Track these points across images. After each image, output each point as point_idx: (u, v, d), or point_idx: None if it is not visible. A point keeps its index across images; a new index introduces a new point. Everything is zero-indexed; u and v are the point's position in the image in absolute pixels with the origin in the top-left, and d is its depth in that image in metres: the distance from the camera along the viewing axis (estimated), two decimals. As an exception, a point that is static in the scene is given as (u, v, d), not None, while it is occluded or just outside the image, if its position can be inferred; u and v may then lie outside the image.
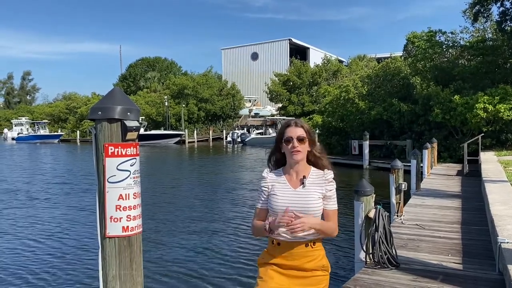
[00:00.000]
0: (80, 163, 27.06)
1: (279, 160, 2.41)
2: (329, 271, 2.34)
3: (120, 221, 1.88)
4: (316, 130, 23.75)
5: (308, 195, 2.26)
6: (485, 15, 20.25)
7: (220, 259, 7.38)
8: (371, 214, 4.79)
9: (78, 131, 56.89)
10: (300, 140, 2.27)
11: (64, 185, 16.74)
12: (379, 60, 42.64)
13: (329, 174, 2.33)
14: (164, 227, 9.68)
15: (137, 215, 1.94)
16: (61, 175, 20.30)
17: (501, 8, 19.09)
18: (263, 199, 2.37)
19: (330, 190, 2.30)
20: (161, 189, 15.36)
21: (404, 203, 7.77)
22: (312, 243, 2.28)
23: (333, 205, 2.32)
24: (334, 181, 2.33)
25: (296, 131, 2.29)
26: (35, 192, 15.20)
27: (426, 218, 7.23)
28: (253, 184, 15.87)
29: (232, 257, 7.43)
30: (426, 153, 12.44)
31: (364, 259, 4.84)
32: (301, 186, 2.28)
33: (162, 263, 7.20)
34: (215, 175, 19.77)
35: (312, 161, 2.37)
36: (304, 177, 2.29)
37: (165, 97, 51.85)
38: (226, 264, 7.13)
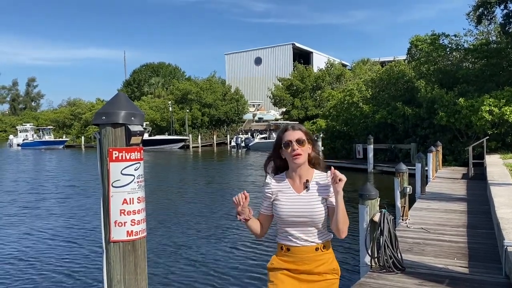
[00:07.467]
0: (85, 168, 27.12)
1: (279, 167, 2.37)
2: (339, 274, 2.33)
3: (124, 225, 1.88)
4: (320, 134, 23.73)
5: (313, 199, 2.24)
6: (489, 17, 20.18)
7: (226, 263, 7.36)
8: (376, 218, 4.77)
9: (83, 137, 57.11)
10: (300, 142, 2.24)
11: (69, 190, 16.79)
12: (382, 63, 42.62)
13: None
14: (169, 231, 9.67)
15: (141, 220, 1.94)
16: (65, 180, 20.36)
17: (505, 11, 19.05)
18: (265, 205, 2.36)
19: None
20: (166, 194, 15.36)
21: (409, 207, 7.73)
22: (322, 247, 2.26)
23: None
24: None
25: (294, 134, 2.26)
26: (40, 197, 15.25)
27: (432, 221, 7.19)
28: (258, 189, 15.84)
29: (238, 261, 7.41)
30: (430, 156, 12.37)
31: (369, 263, 4.81)
32: (305, 190, 2.26)
33: (167, 267, 7.19)
34: (220, 180, 19.76)
35: (313, 163, 2.33)
36: (307, 180, 2.27)
37: (169, 102, 51.99)
38: (232, 268, 7.10)
